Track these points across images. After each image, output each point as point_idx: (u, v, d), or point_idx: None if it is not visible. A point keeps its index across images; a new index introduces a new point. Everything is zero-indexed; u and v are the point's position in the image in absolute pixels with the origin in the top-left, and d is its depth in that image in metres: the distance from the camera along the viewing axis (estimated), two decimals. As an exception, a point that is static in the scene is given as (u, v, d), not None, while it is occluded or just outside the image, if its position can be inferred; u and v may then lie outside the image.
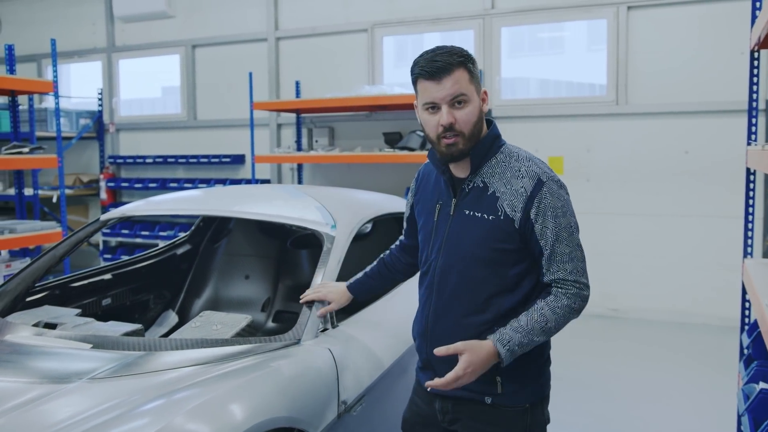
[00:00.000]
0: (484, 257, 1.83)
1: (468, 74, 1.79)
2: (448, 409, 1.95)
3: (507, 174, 1.83)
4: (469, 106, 1.79)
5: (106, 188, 8.53)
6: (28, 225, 4.87)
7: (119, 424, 1.74)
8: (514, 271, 1.83)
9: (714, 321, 5.90)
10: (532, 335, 1.76)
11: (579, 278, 1.81)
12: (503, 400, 1.86)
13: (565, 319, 1.80)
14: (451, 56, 1.77)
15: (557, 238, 1.79)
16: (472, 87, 1.80)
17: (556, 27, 6.81)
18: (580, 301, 1.81)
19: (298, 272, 3.84)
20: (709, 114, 5.86)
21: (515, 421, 1.87)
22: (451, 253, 1.88)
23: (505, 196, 1.81)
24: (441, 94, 1.77)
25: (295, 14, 7.54)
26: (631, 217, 6.19)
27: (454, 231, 1.88)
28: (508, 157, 1.86)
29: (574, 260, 1.81)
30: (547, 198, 1.79)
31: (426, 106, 1.81)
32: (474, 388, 1.85)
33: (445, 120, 1.76)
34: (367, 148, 6.81)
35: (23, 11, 9.17)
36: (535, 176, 1.81)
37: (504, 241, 1.81)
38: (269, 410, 1.86)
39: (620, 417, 4.02)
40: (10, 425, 1.78)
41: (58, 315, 2.65)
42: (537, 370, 1.92)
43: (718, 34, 5.80)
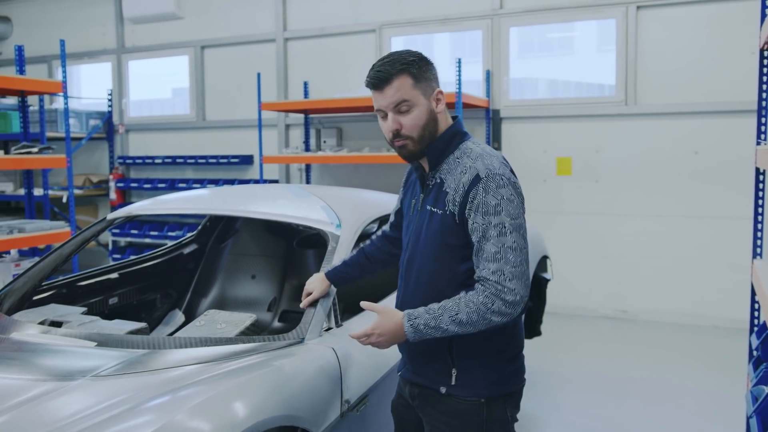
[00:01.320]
0: (436, 251, 1.91)
1: (411, 80, 1.85)
2: (415, 395, 2.04)
3: (457, 170, 1.89)
4: (414, 111, 1.86)
5: (115, 188, 8.57)
6: (36, 225, 4.89)
7: (122, 420, 1.74)
8: (464, 267, 1.88)
9: (723, 323, 5.86)
10: (440, 320, 1.78)
11: (501, 280, 1.76)
12: (457, 391, 1.92)
13: (479, 316, 1.76)
14: (392, 65, 1.85)
15: (484, 235, 1.80)
16: (416, 92, 1.86)
17: (565, 27, 6.78)
18: (499, 303, 1.76)
19: (305, 272, 3.83)
20: (718, 114, 5.82)
21: (470, 414, 1.91)
22: (414, 247, 1.98)
23: (451, 192, 1.87)
24: (384, 102, 1.87)
25: (304, 15, 7.56)
26: (640, 218, 6.16)
27: (418, 226, 1.97)
28: (463, 154, 1.91)
29: (499, 261, 1.77)
30: (481, 194, 1.81)
31: (377, 113, 1.92)
32: (431, 376, 1.96)
33: (390, 126, 1.87)
34: (375, 149, 6.81)
35: (34, 13, 9.23)
36: (475, 172, 1.84)
37: (450, 236, 1.87)
38: (271, 408, 1.86)
39: (629, 419, 4.00)
40: (15, 421, 1.79)
41: (64, 313, 2.67)
42: (493, 365, 1.92)
43: (728, 33, 5.76)
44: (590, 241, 6.34)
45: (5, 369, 2.05)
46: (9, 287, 2.89)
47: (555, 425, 3.92)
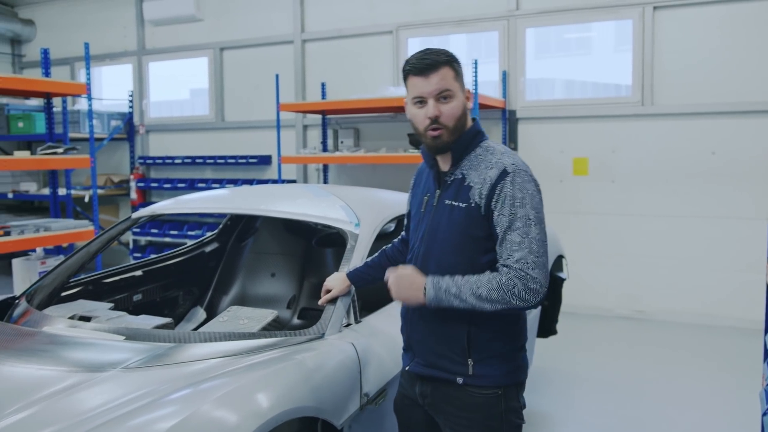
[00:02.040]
0: (457, 243, 1.94)
1: (453, 72, 1.94)
2: (427, 393, 2.04)
3: (481, 166, 1.95)
4: (453, 102, 1.93)
5: (136, 188, 8.71)
6: (62, 223, 5.01)
7: (150, 410, 1.81)
8: (485, 259, 1.92)
9: (741, 323, 5.85)
10: (462, 290, 1.83)
11: (524, 267, 1.82)
12: (474, 381, 1.94)
13: (501, 297, 1.80)
14: (438, 55, 1.93)
15: (510, 226, 1.86)
16: (457, 84, 1.95)
17: (583, 27, 6.80)
18: (521, 287, 1.80)
19: (323, 270, 3.90)
20: (735, 114, 5.81)
21: (489, 406, 1.94)
22: (431, 241, 2.00)
23: (476, 186, 1.93)
24: (428, 89, 1.92)
25: (321, 17, 7.64)
26: (657, 219, 6.17)
27: (434, 220, 2.00)
28: (486, 151, 1.99)
29: (523, 250, 1.83)
30: (508, 187, 1.88)
31: (415, 101, 1.96)
32: (448, 368, 1.97)
33: (431, 112, 1.91)
34: (392, 149, 6.87)
35: (57, 16, 9.40)
36: (502, 167, 1.91)
37: (474, 228, 1.92)
38: (294, 400, 1.92)
39: (645, 418, 4.02)
40: (50, 410, 1.87)
41: (92, 309, 2.75)
42: (508, 355, 1.98)
43: (745, 33, 5.75)
44: (606, 241, 6.36)
45: (39, 361, 2.14)
46: (39, 284, 2.99)
47: (571, 423, 3.95)
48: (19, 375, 2.06)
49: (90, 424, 1.77)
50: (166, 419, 1.75)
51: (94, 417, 1.81)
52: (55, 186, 5.48)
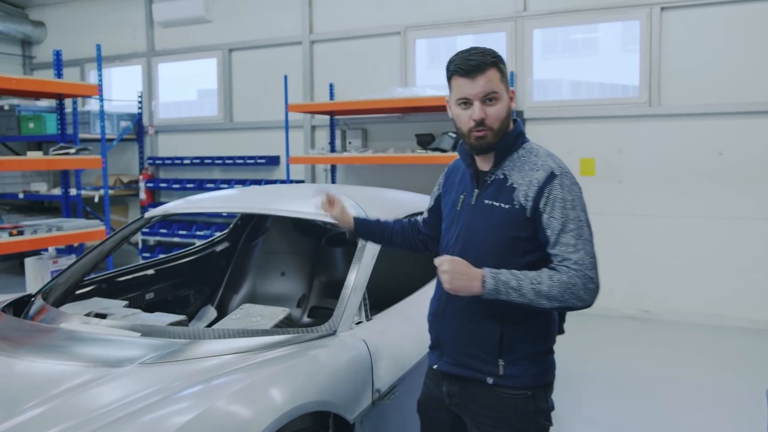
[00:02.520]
0: (498, 244, 1.93)
1: (499, 74, 1.92)
2: (454, 393, 2.03)
3: (525, 167, 1.94)
4: (499, 104, 1.92)
5: (145, 189, 8.77)
6: (74, 223, 5.08)
7: (166, 405, 1.86)
8: (525, 260, 1.91)
9: (749, 324, 5.86)
10: (522, 284, 1.79)
11: (583, 268, 1.82)
12: (505, 382, 1.93)
13: (559, 294, 1.79)
14: (484, 56, 1.91)
15: (563, 228, 1.85)
16: (503, 86, 1.93)
17: (590, 28, 6.82)
18: (580, 286, 1.80)
19: (333, 269, 3.95)
20: (743, 115, 5.83)
21: (518, 407, 1.94)
22: (468, 240, 1.99)
23: (521, 187, 1.91)
24: (474, 91, 1.90)
25: (329, 18, 7.69)
26: (664, 219, 6.18)
27: (473, 219, 1.99)
28: (529, 153, 1.98)
29: (580, 252, 1.83)
30: (557, 189, 1.88)
31: (459, 102, 1.93)
32: (478, 368, 1.95)
33: (477, 115, 1.89)
34: (399, 150, 6.91)
35: (67, 17, 9.48)
36: (549, 169, 1.91)
37: (517, 229, 1.91)
38: (308, 394, 1.97)
39: (652, 418, 4.04)
40: (66, 405, 1.92)
41: (108, 306, 2.81)
42: (538, 356, 1.97)
43: (752, 34, 5.76)
44: (613, 242, 6.38)
45: (57, 356, 2.19)
46: (54, 281, 3.04)
47: (578, 422, 3.98)
48: (38, 370, 2.11)
49: (107, 419, 1.82)
50: (183, 414, 1.80)
51: (111, 412, 1.86)
52: (67, 186, 5.54)
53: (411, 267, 3.55)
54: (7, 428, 1.82)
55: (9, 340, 2.33)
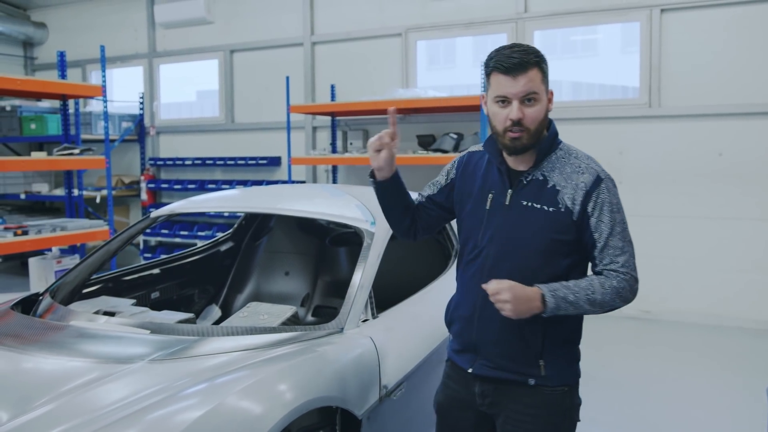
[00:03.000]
0: (542, 247, 1.90)
1: (541, 74, 1.88)
2: (488, 393, 2.00)
3: (567, 169, 1.92)
4: (538, 105, 1.87)
5: (146, 189, 8.80)
6: (77, 223, 5.11)
7: (177, 401, 1.88)
8: (566, 262, 1.92)
9: (749, 324, 5.89)
10: (578, 297, 1.82)
11: (630, 270, 1.88)
12: (546, 382, 1.94)
13: (610, 299, 1.85)
14: (527, 55, 1.85)
15: (611, 231, 1.88)
16: (543, 87, 1.88)
17: (589, 30, 6.86)
18: (628, 289, 1.87)
19: (337, 269, 3.98)
20: (742, 116, 5.87)
21: (557, 403, 1.95)
22: (506, 241, 1.93)
23: (566, 190, 1.89)
24: (514, 90, 1.84)
25: (331, 19, 7.72)
26: (664, 219, 6.22)
27: (509, 221, 1.94)
28: (568, 154, 1.96)
29: (625, 254, 1.89)
30: (605, 193, 1.89)
31: (497, 99, 1.87)
32: (518, 370, 1.94)
33: (514, 115, 1.84)
34: (401, 150, 6.92)
35: (69, 18, 9.52)
36: (595, 173, 1.91)
37: (562, 233, 1.89)
38: (317, 389, 2.00)
39: (651, 417, 4.08)
40: (79, 400, 1.94)
41: (115, 304, 2.83)
42: (573, 354, 2.01)
43: (751, 36, 5.80)
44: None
45: (69, 353, 2.22)
46: (62, 280, 3.07)
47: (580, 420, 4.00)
48: (51, 367, 2.14)
49: (118, 415, 1.84)
50: (194, 409, 1.82)
51: (123, 408, 1.88)
52: (71, 187, 5.56)
53: (414, 266, 3.58)
54: (21, 423, 1.85)
55: (20, 337, 2.36)
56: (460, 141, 6.56)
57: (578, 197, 1.88)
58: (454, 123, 7.01)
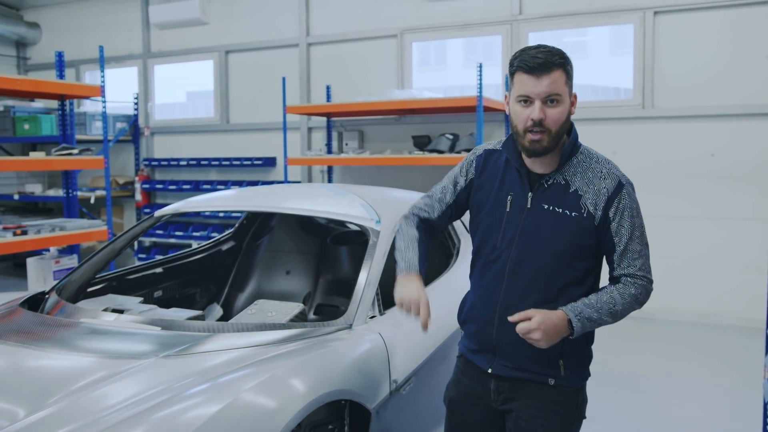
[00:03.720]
0: (563, 251, 1.92)
1: (565, 76, 1.87)
2: (504, 389, 2.03)
3: (589, 174, 1.94)
4: (560, 107, 1.86)
5: (141, 190, 8.80)
6: (76, 223, 5.12)
7: (193, 397, 1.91)
8: (585, 265, 1.96)
9: (740, 322, 5.97)
10: (601, 313, 1.87)
11: (647, 274, 1.94)
12: (564, 382, 1.99)
13: (630, 307, 1.92)
14: (552, 55, 1.85)
15: (631, 236, 1.92)
16: (567, 89, 1.88)
17: (580, 32, 6.94)
18: (645, 293, 1.94)
19: (338, 267, 4.01)
20: (734, 117, 5.95)
21: (570, 399, 2.01)
22: (527, 244, 1.95)
23: (588, 195, 1.91)
24: (537, 90, 1.84)
25: (326, 20, 7.75)
26: (658, 219, 6.28)
27: (530, 224, 1.95)
28: (588, 158, 1.97)
29: (643, 257, 1.94)
30: (626, 199, 1.92)
31: (519, 99, 1.88)
32: (539, 370, 1.97)
33: (536, 115, 1.84)
34: (396, 151, 6.99)
35: (62, 19, 9.50)
36: (616, 179, 1.94)
37: (583, 237, 1.92)
38: (332, 383, 2.04)
39: (646, 412, 4.14)
40: (94, 395, 1.96)
41: (123, 302, 2.85)
42: (588, 354, 2.08)
43: (743, 38, 5.89)
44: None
45: (83, 349, 2.24)
46: (68, 279, 3.09)
47: (577, 416, 4.06)
48: (66, 363, 2.17)
49: (136, 409, 1.86)
50: (211, 404, 1.85)
51: (139, 402, 1.91)
52: (68, 187, 5.57)
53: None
54: (38, 419, 1.87)
55: (33, 334, 2.38)
56: (456, 141, 6.62)
57: (600, 202, 1.90)
58: (450, 124, 7.06)
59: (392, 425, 2.38)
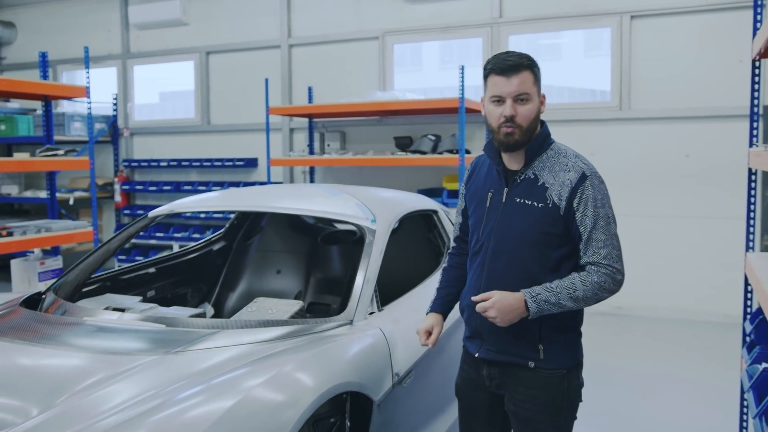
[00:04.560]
0: (534, 239, 2.08)
1: (533, 77, 2.07)
2: (494, 375, 2.18)
3: (556, 168, 2.09)
4: (529, 104, 2.06)
5: (120, 191, 8.75)
6: (62, 224, 5.10)
7: (204, 392, 1.96)
8: (557, 254, 2.08)
9: (715, 318, 6.16)
10: (560, 297, 2.00)
11: (612, 263, 2.04)
12: (544, 365, 2.11)
13: (594, 294, 2.02)
14: (521, 58, 2.06)
15: (595, 225, 2.03)
16: (535, 89, 2.08)
17: (554, 35, 7.09)
18: (610, 282, 2.03)
19: (329, 266, 4.07)
20: (708, 119, 6.14)
21: (555, 384, 2.12)
22: (502, 235, 2.12)
23: (554, 187, 2.06)
24: (508, 89, 2.04)
25: (308, 22, 7.80)
26: (635, 218, 6.45)
27: (505, 216, 2.12)
28: (557, 154, 2.13)
29: (608, 247, 2.04)
30: (589, 190, 2.04)
31: (493, 99, 2.08)
32: (519, 353, 2.12)
33: (508, 112, 2.04)
34: (378, 152, 7.06)
35: (39, 18, 9.39)
36: (580, 170, 2.07)
37: (550, 226, 2.06)
38: (340, 376, 2.11)
39: (625, 405, 4.26)
40: (109, 391, 2.01)
41: (123, 301, 2.89)
42: (572, 340, 2.18)
43: (717, 42, 6.09)
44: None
45: (91, 347, 2.28)
46: (63, 279, 3.11)
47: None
48: (76, 360, 2.20)
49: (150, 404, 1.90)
50: (225, 398, 1.90)
51: (151, 398, 1.95)
52: (53, 188, 5.54)
53: (413, 261, 3.70)
54: (52, 416, 1.91)
55: (40, 332, 2.40)
56: (438, 142, 6.71)
57: (564, 193, 2.04)
58: (431, 125, 7.16)
59: (393, 418, 2.45)
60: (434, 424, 2.86)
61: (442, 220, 3.78)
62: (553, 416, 2.14)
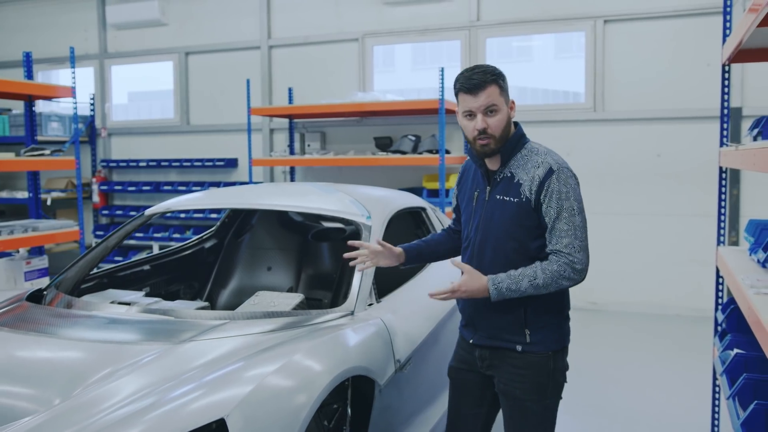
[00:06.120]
0: (513, 232, 2.26)
1: (499, 89, 2.23)
2: (485, 356, 2.36)
3: (528, 165, 2.27)
4: (499, 114, 2.23)
5: (98, 191, 8.73)
6: (48, 224, 5.12)
7: (222, 378, 2.06)
8: (535, 244, 2.26)
9: (686, 312, 6.41)
10: (520, 284, 2.17)
11: (572, 252, 2.19)
12: (531, 348, 2.28)
13: (554, 281, 2.18)
14: (485, 75, 2.22)
15: (558, 216, 2.20)
16: (502, 99, 2.24)
17: (525, 37, 7.28)
18: (570, 270, 2.19)
19: (320, 263, 4.18)
20: (679, 120, 6.40)
21: (541, 365, 2.28)
22: (486, 230, 2.31)
23: (525, 183, 2.24)
24: (476, 105, 2.21)
25: (288, 23, 7.88)
26: (608, 217, 6.67)
27: (488, 212, 2.31)
28: (530, 152, 2.30)
29: (570, 237, 2.19)
30: (554, 183, 2.21)
31: (464, 114, 2.26)
32: (508, 338, 2.30)
33: (479, 125, 2.22)
34: (359, 152, 7.18)
35: (14, 17, 9.31)
36: (548, 166, 2.23)
37: (525, 219, 2.25)
38: (350, 360, 2.24)
39: (601, 395, 4.44)
40: (127, 380, 2.10)
41: (126, 296, 2.96)
42: (557, 324, 2.34)
43: (687, 46, 6.34)
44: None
45: (106, 338, 2.37)
46: (63, 276, 3.17)
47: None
48: (92, 351, 2.28)
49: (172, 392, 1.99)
50: (242, 384, 2.01)
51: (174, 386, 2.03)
52: (38, 188, 5.55)
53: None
54: (78, 403, 1.99)
55: (52, 325, 2.48)
56: (419, 143, 6.86)
57: (534, 188, 2.21)
58: (410, 125, 7.30)
59: (393, 403, 2.58)
60: (430, 409, 2.99)
61: (430, 217, 3.91)
62: (540, 395, 2.30)
